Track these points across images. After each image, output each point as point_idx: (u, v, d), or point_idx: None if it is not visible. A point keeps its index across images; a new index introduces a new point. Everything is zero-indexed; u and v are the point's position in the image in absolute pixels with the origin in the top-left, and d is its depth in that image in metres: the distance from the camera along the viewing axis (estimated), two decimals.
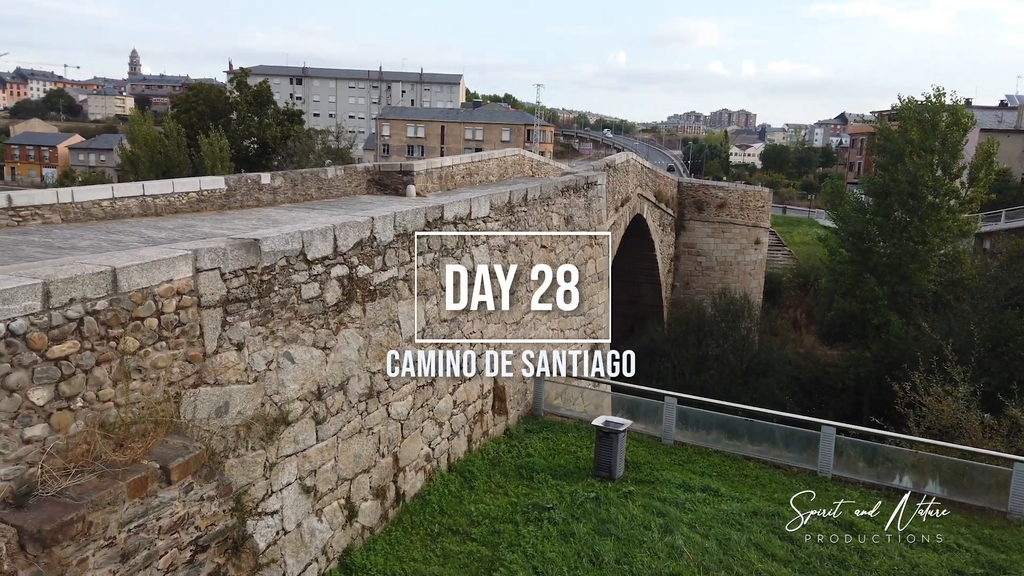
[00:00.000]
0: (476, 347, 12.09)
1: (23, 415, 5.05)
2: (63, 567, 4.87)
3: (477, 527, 9.39)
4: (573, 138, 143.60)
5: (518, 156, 27.82)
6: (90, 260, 6.15)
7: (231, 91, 60.48)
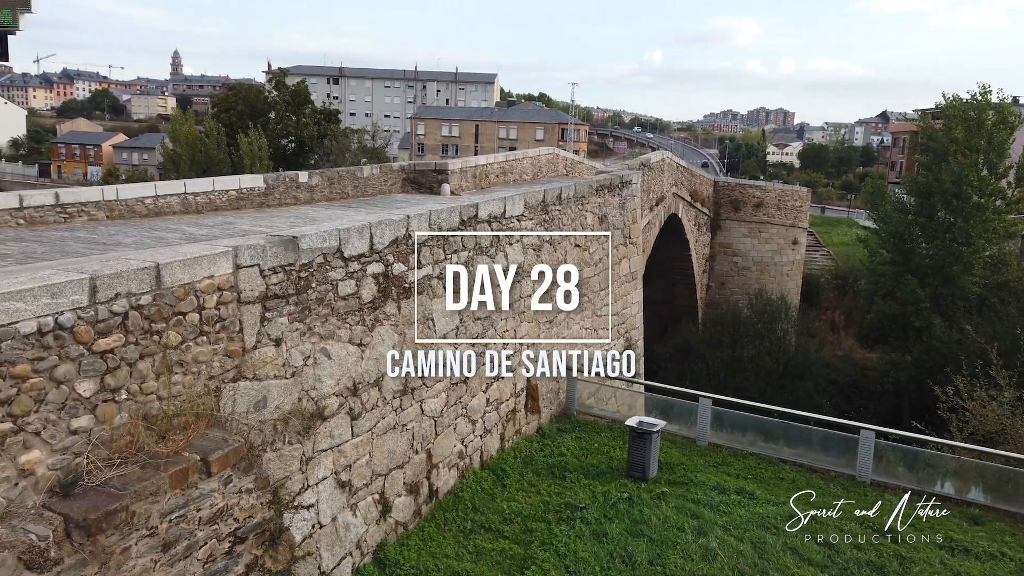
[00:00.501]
0: (509, 345, 12.11)
1: (70, 406, 5.19)
2: (107, 555, 5.00)
3: (509, 525, 9.41)
4: (607, 137, 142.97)
5: (552, 155, 27.78)
6: (135, 256, 6.30)
7: (270, 91, 61.34)
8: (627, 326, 17.90)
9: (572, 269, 12.67)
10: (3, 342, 4.72)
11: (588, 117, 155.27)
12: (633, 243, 18.15)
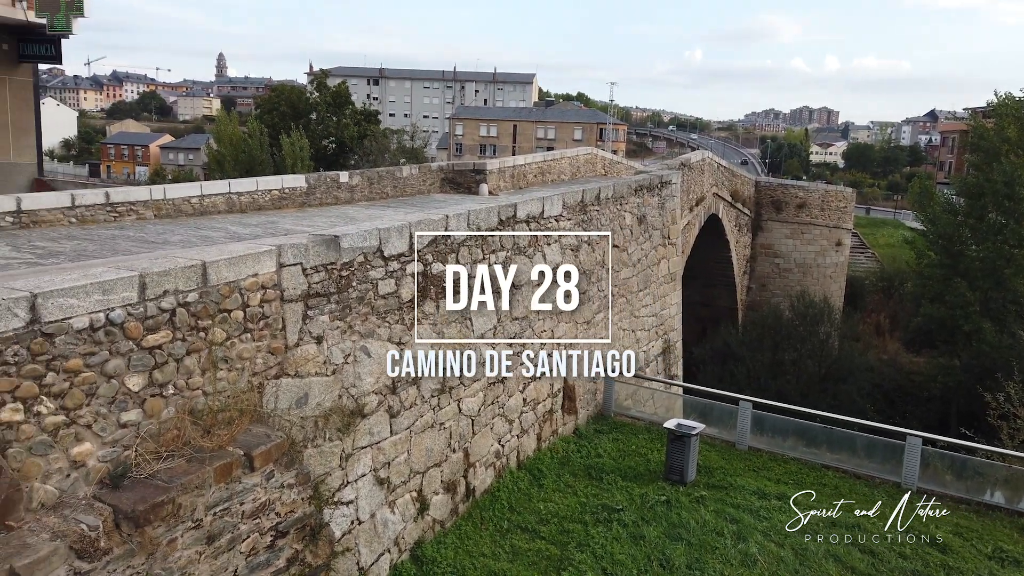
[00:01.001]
0: (547, 346, 12.09)
1: (119, 400, 5.33)
2: (154, 546, 5.12)
3: (546, 525, 9.40)
4: (646, 136, 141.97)
5: (590, 155, 27.67)
6: (182, 254, 6.44)
7: (311, 92, 62.20)
8: (665, 327, 17.75)
9: (605, 271, 12.60)
10: (57, 337, 4.87)
11: (627, 117, 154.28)
12: (672, 244, 17.98)
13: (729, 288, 34.27)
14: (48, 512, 4.81)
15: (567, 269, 12.60)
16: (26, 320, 4.70)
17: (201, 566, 5.49)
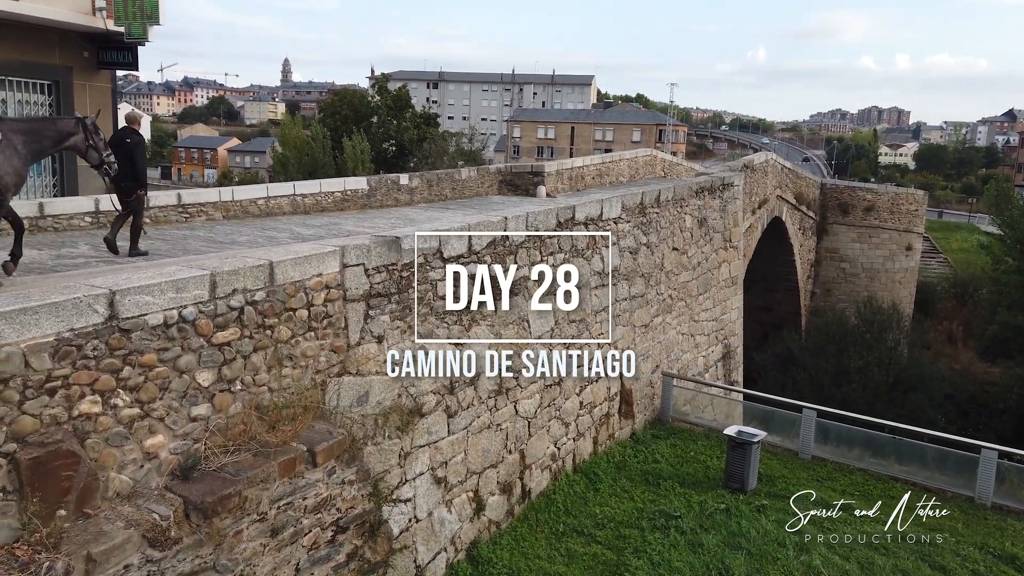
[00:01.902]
0: (603, 348, 12.01)
1: (190, 395, 5.52)
2: (221, 537, 5.28)
3: (602, 530, 9.32)
4: (707, 138, 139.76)
5: (650, 156, 27.39)
6: (250, 254, 6.63)
7: (373, 96, 63.30)
8: (726, 332, 17.42)
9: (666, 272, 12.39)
10: (133, 333, 5.07)
11: (687, 118, 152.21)
12: (734, 247, 17.65)
13: (792, 293, 33.40)
14: (123, 501, 5.01)
15: (625, 272, 12.52)
16: (105, 316, 4.91)
17: (265, 558, 5.63)
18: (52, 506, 4.54)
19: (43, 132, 7.13)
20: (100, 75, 15.46)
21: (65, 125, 7.37)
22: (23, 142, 6.68)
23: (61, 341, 4.63)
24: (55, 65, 14.51)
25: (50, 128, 7.28)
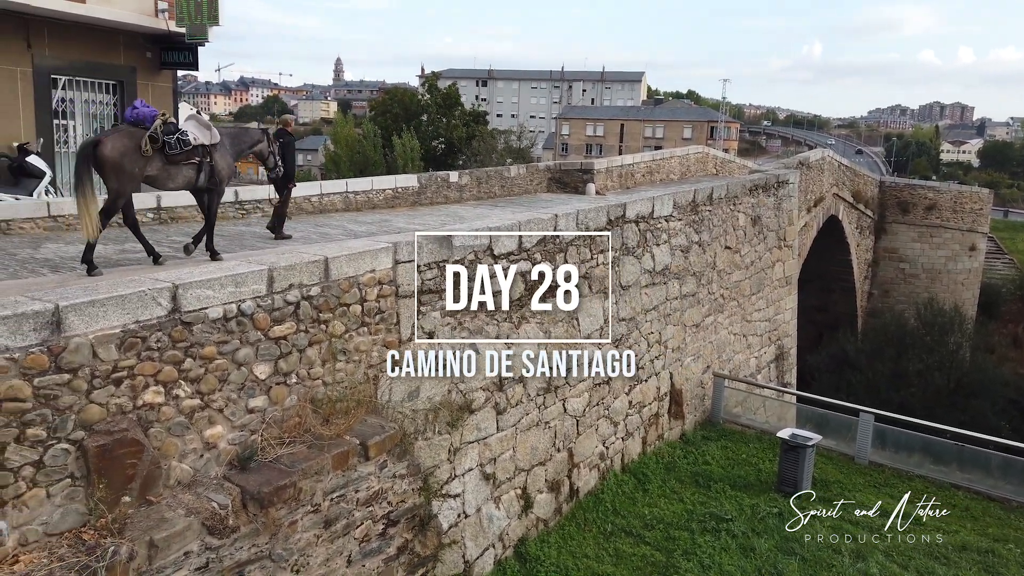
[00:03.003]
0: (653, 348, 11.89)
1: (248, 387, 5.65)
2: (277, 527, 5.39)
3: (651, 531, 9.23)
4: (760, 135, 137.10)
5: (701, 154, 26.98)
6: (305, 250, 6.75)
7: (423, 94, 63.90)
8: (779, 333, 17.07)
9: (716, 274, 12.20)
10: (195, 326, 5.21)
11: (739, 114, 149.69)
12: (788, 246, 17.27)
13: (848, 293, 32.54)
14: (183, 489, 5.16)
15: (676, 271, 12.36)
16: (168, 309, 5.05)
17: (318, 549, 5.73)
18: (117, 492, 4.69)
19: (242, 138, 8.72)
20: (162, 75, 15.93)
21: (254, 135, 8.98)
22: (230, 144, 8.15)
23: (127, 333, 4.78)
24: (120, 66, 15.00)
25: (245, 136, 8.87)
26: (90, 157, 6.74)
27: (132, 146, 6.87)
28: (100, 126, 15.21)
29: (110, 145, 6.80)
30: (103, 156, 6.75)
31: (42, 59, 13.62)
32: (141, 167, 7.03)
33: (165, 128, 7.12)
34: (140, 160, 6.96)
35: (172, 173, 7.37)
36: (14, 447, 4.26)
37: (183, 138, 7.25)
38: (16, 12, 12.80)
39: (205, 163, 7.52)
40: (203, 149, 7.47)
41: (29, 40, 13.34)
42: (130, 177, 6.97)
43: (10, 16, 12.83)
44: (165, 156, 7.17)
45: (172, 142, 7.16)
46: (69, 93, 14.41)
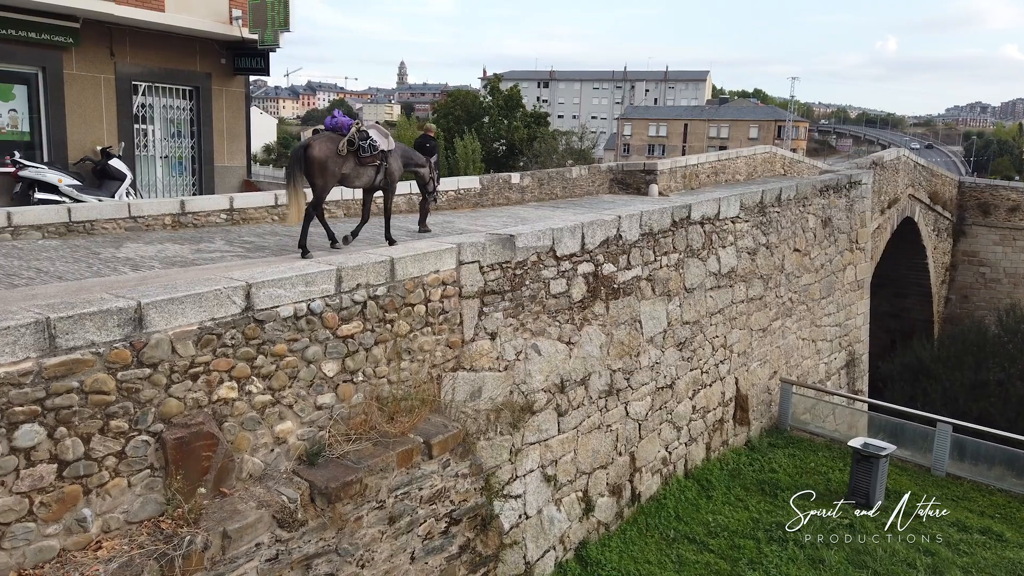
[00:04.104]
0: (718, 352, 11.66)
1: (317, 384, 5.77)
2: (343, 522, 5.49)
3: (715, 538, 9.05)
4: (830, 134, 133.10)
5: (768, 154, 26.36)
6: (371, 251, 6.86)
7: (484, 96, 64.34)
8: (850, 338, 16.52)
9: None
10: (267, 323, 5.35)
11: (808, 113, 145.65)
12: (860, 249, 16.71)
13: (924, 298, 31.23)
14: (255, 482, 5.30)
15: (744, 273, 12.09)
16: (242, 307, 5.20)
17: (383, 544, 5.81)
18: (193, 484, 4.85)
19: (409, 156, 9.79)
20: (235, 80, 16.47)
21: (419, 158, 10.13)
22: (400, 154, 9.35)
23: (203, 330, 4.95)
24: (196, 72, 15.57)
25: (412, 155, 9.96)
26: (301, 158, 7.99)
27: (333, 149, 8.09)
28: (177, 130, 15.82)
29: (317, 148, 8.01)
30: (311, 157, 7.96)
31: (124, 67, 14.25)
32: (339, 167, 8.21)
33: (359, 134, 8.28)
34: (339, 161, 8.16)
35: (359, 173, 8.53)
36: (99, 438, 4.45)
37: (372, 143, 8.39)
38: (101, 22, 13.43)
39: (383, 166, 8.70)
40: (383, 154, 8.63)
41: (112, 48, 13.97)
42: (332, 175, 8.17)
43: (95, 26, 13.46)
44: (357, 158, 8.35)
45: (364, 146, 8.32)
46: (148, 99, 15.04)
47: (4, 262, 8.00)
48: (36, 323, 4.17)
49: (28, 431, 4.15)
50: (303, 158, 7.99)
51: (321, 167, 8.03)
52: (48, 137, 13.51)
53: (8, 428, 4.08)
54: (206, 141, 16.04)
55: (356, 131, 8.27)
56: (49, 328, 4.21)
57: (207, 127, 15.99)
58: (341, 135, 8.23)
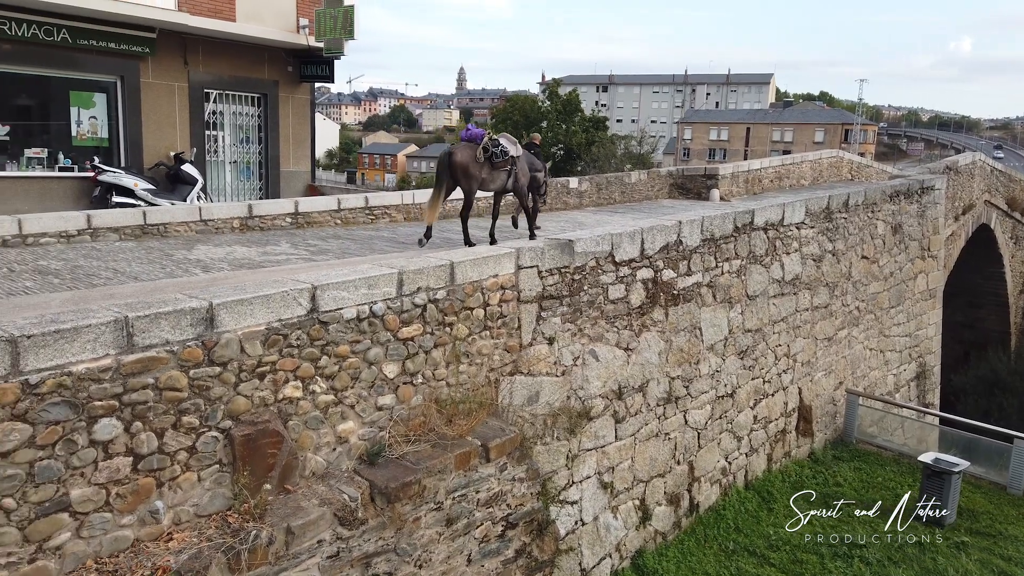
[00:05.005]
0: (781, 361, 11.39)
1: (378, 385, 5.87)
2: (402, 522, 5.56)
3: (776, 552, 8.83)
4: (900, 137, 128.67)
5: (835, 158, 25.67)
6: (431, 254, 6.94)
7: (543, 101, 64.40)
8: (921, 349, 15.92)
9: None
10: (330, 325, 5.47)
11: (877, 116, 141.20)
12: (932, 256, 16.10)
13: (1000, 309, 29.87)
14: (317, 481, 5.42)
15: (808, 280, 11.79)
16: (307, 309, 5.33)
17: (440, 546, 5.86)
18: (259, 480, 4.99)
19: (532, 161, 10.69)
20: (301, 88, 16.91)
21: (538, 163, 11.02)
22: (525, 160, 10.24)
23: (271, 330, 5.09)
24: (264, 80, 16.06)
25: (534, 161, 10.82)
26: (447, 164, 9.06)
27: (472, 156, 9.11)
28: (245, 136, 16.33)
29: (460, 155, 9.06)
30: (456, 163, 9.00)
31: (197, 75, 14.79)
32: (479, 172, 9.21)
33: (491, 142, 9.26)
34: (478, 166, 9.16)
35: (493, 177, 9.46)
36: (171, 433, 4.62)
37: (504, 150, 9.33)
38: (176, 32, 13.98)
39: (512, 170, 9.59)
40: (512, 159, 9.52)
41: (186, 58, 14.53)
42: (474, 179, 9.19)
43: (170, 36, 14.02)
44: (491, 164, 9.30)
45: (498, 152, 9.27)
46: (219, 106, 15.57)
47: (84, 262, 8.39)
48: (115, 321, 4.35)
49: (106, 425, 4.33)
50: (449, 164, 9.02)
51: (464, 171, 9.01)
52: (125, 143, 14.14)
53: (88, 422, 4.27)
54: (272, 146, 16.51)
55: (488, 139, 9.25)
56: (127, 326, 4.40)
57: (274, 133, 16.46)
58: (476, 144, 9.21)
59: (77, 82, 13.59)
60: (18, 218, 9.49)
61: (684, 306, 9.33)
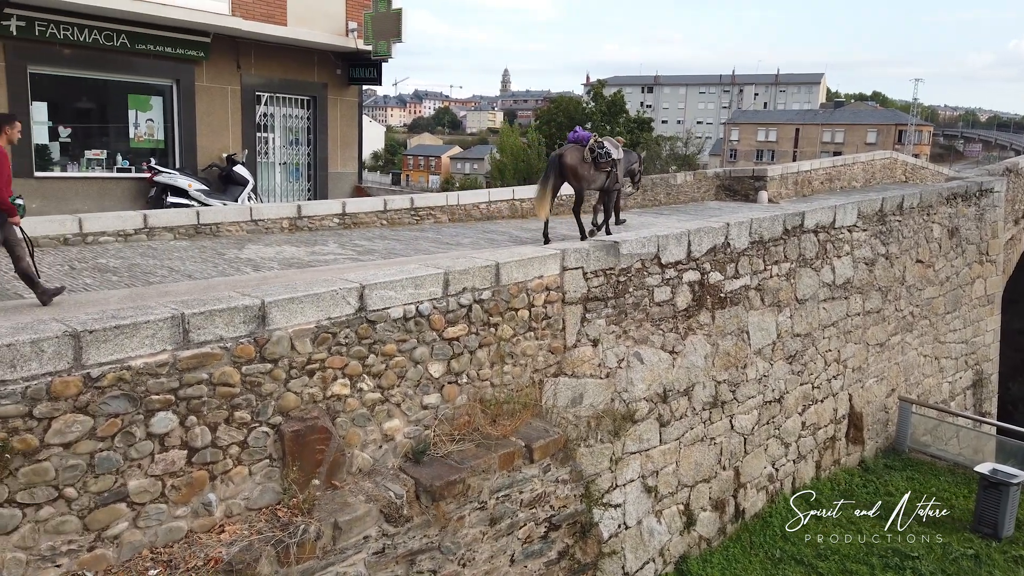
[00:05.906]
0: (831, 366, 11.15)
1: (423, 384, 5.92)
2: (446, 520, 5.60)
3: (825, 562, 8.64)
4: (956, 138, 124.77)
5: (888, 160, 25.00)
6: (477, 255, 6.98)
7: (587, 102, 64.17)
8: (978, 357, 15.41)
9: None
10: (378, 324, 5.54)
11: (932, 117, 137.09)
12: (991, 261, 15.57)
13: None
14: (364, 477, 5.49)
15: (859, 285, 11.51)
16: (355, 308, 5.41)
17: (483, 545, 5.89)
18: (307, 476, 5.08)
19: (630, 160, 10.99)
20: (349, 90, 17.15)
21: (634, 160, 11.27)
22: (624, 160, 10.38)
23: (320, 328, 5.18)
24: (313, 82, 16.32)
25: (632, 159, 11.13)
26: (557, 165, 9.47)
27: (581, 157, 9.49)
28: (295, 138, 16.63)
29: (569, 156, 9.46)
30: (567, 164, 9.41)
31: (248, 78, 15.12)
32: (586, 171, 9.59)
33: (596, 144, 9.64)
34: (585, 167, 9.54)
35: (596, 176, 9.82)
36: (224, 427, 4.73)
37: (608, 152, 9.70)
38: (229, 36, 14.31)
39: (612, 171, 9.91)
40: (613, 161, 9.85)
41: (238, 61, 14.86)
42: (582, 178, 9.57)
43: (224, 40, 14.36)
44: (595, 164, 9.65)
45: (602, 154, 9.63)
46: (270, 108, 15.88)
47: (141, 261, 8.64)
48: (172, 318, 4.48)
49: (163, 418, 4.46)
50: (559, 164, 9.46)
51: (574, 171, 9.43)
52: (180, 144, 14.51)
53: (146, 415, 4.40)
54: (321, 148, 16.78)
55: (594, 142, 9.63)
56: (184, 323, 4.52)
57: (322, 135, 16.73)
58: (583, 146, 9.59)
59: (135, 85, 14.01)
60: (79, 217, 9.82)
61: (731, 309, 9.20)
